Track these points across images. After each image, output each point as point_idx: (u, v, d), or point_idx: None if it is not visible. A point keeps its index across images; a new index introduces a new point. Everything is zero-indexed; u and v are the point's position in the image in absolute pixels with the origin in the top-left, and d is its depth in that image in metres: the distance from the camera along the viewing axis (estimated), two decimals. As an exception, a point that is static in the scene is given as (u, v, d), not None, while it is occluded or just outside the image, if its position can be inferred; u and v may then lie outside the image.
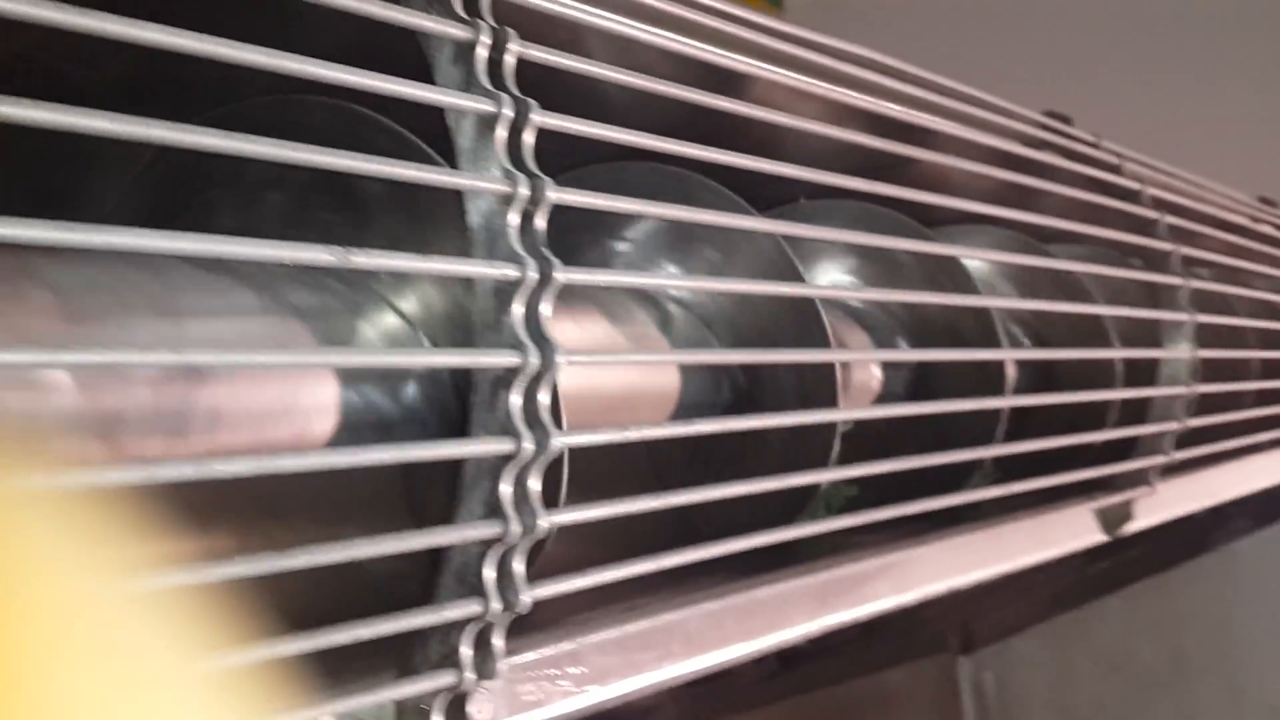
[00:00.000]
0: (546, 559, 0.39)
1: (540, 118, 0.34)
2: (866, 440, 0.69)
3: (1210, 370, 0.88)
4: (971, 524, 0.67)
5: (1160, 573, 1.31)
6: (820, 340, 0.54)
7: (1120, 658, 1.29)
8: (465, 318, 0.35)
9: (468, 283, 0.34)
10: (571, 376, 0.47)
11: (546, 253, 0.34)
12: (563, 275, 0.33)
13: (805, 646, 1.83)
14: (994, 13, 4.57)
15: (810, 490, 0.56)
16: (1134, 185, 0.78)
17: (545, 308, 0.33)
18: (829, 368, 0.56)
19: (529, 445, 0.33)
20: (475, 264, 0.33)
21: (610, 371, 0.51)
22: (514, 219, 0.33)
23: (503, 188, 0.33)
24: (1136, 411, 0.83)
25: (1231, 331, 1.01)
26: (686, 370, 0.56)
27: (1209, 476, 0.97)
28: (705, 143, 0.45)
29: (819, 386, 0.57)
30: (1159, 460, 0.80)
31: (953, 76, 0.65)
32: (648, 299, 0.57)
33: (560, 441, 0.33)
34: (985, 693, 1.33)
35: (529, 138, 0.34)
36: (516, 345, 0.33)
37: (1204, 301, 0.91)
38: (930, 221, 0.67)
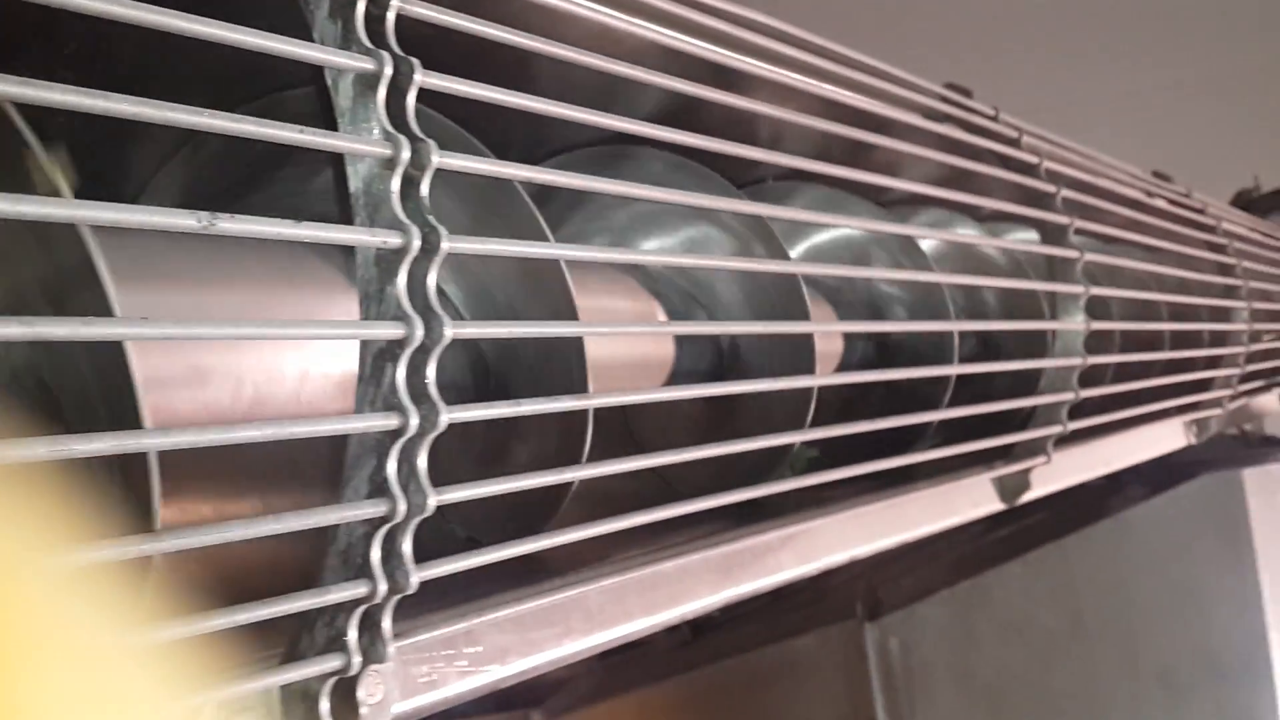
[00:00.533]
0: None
1: (424, 77, 0.32)
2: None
3: (1102, 341, 0.90)
4: (872, 495, 0.68)
5: (1059, 539, 1.34)
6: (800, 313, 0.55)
7: (1021, 622, 1.33)
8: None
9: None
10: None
11: (432, 220, 0.32)
12: (449, 244, 0.32)
13: (717, 616, 1.86)
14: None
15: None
16: (1032, 159, 0.79)
17: (431, 278, 0.32)
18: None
19: (415, 421, 0.31)
20: (354, 232, 0.31)
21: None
22: (396, 184, 0.32)
23: (383, 150, 0.32)
24: (1032, 382, 0.85)
25: (1124, 303, 1.04)
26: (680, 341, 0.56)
27: (1102, 446, 1.00)
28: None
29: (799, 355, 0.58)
30: (1054, 430, 0.82)
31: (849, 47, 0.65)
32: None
33: (448, 417, 0.32)
34: (890, 658, 1.36)
35: (412, 98, 0.32)
36: (401, 317, 0.32)
37: (1098, 274, 0.93)
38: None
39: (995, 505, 0.82)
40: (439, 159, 0.32)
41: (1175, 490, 1.32)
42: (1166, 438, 1.27)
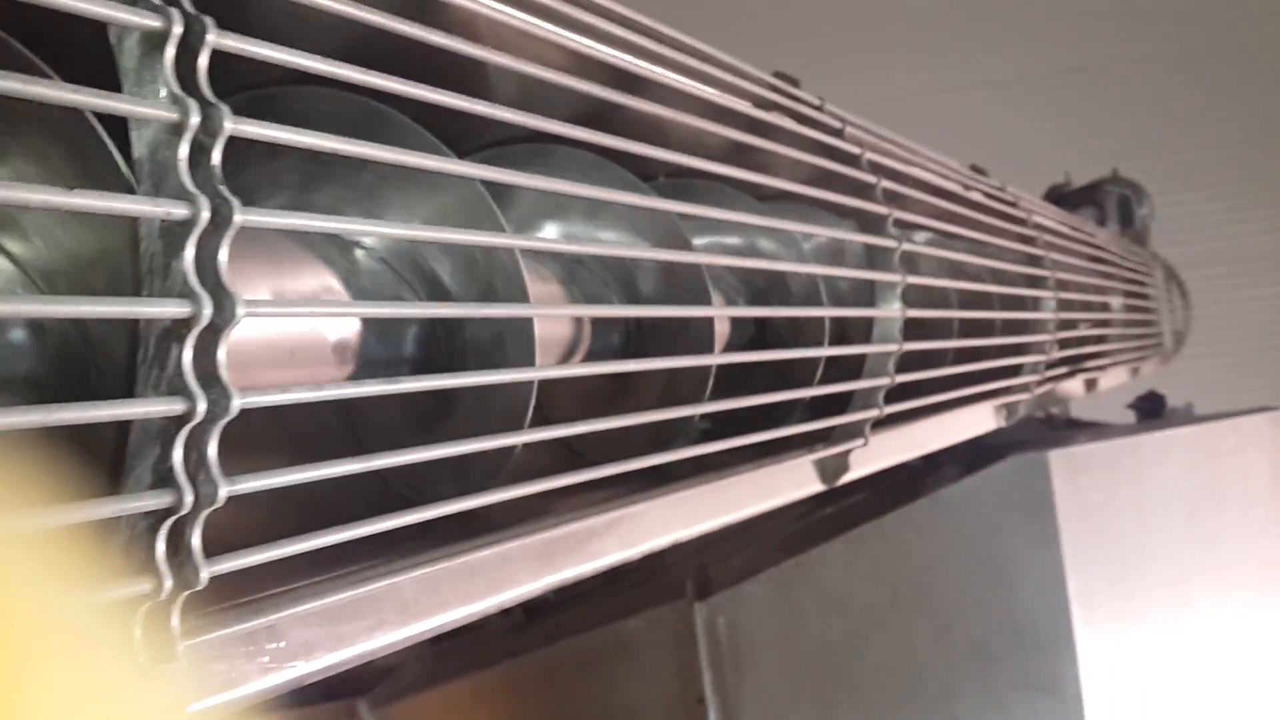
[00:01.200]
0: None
1: (216, 37, 0.30)
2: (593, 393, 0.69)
3: (918, 328, 0.94)
4: (697, 477, 0.69)
5: (878, 518, 1.40)
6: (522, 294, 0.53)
7: (842, 597, 1.38)
8: (114, 261, 0.31)
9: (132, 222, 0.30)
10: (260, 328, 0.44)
11: (224, 190, 0.30)
12: (242, 216, 0.30)
13: (550, 598, 1.86)
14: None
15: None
16: (854, 149, 0.82)
17: (222, 252, 0.30)
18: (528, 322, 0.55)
19: (203, 406, 0.30)
20: (136, 201, 0.29)
21: (299, 326, 0.48)
22: (184, 151, 0.30)
23: (170, 115, 0.29)
24: (852, 367, 0.88)
25: (939, 292, 1.09)
26: (415, 323, 0.54)
27: (918, 428, 1.04)
28: (417, 80, 0.43)
29: (523, 343, 0.57)
30: (872, 414, 0.85)
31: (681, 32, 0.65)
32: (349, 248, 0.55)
33: (241, 401, 0.30)
34: (719, 636, 1.39)
35: (203, 59, 0.30)
36: (188, 294, 0.30)
37: (915, 263, 0.97)
38: (652, 175, 0.67)
39: (816, 486, 0.85)
40: (233, 126, 0.30)
41: (986, 471, 1.40)
42: (978, 421, 1.34)
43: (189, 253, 0.29)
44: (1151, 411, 2.17)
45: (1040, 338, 1.43)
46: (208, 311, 0.29)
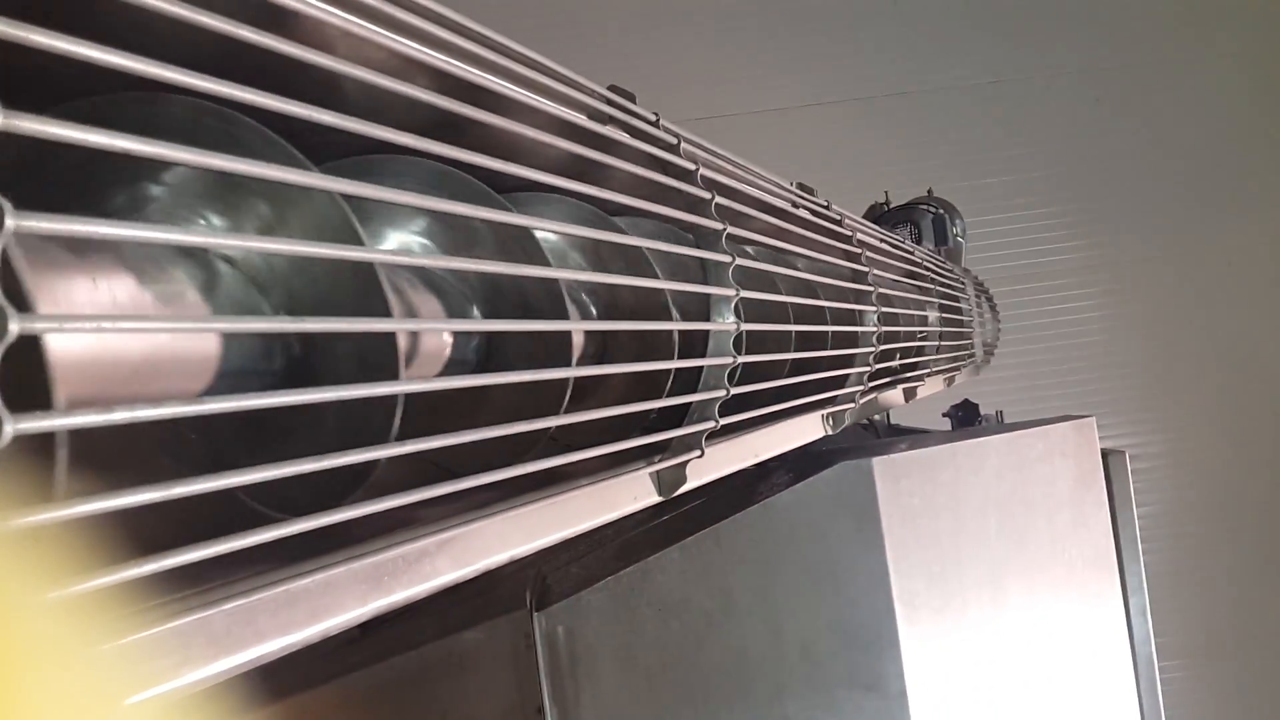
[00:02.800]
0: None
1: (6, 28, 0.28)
2: (441, 405, 0.67)
3: (751, 341, 0.96)
4: (533, 493, 0.68)
5: (713, 525, 1.42)
6: (381, 308, 0.51)
7: (678, 604, 1.39)
8: None
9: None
10: (87, 342, 0.41)
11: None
12: (14, 221, 0.27)
13: (386, 614, 1.80)
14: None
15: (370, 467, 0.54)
16: (689, 165, 0.83)
17: (-9, 259, 0.27)
18: (390, 337, 0.53)
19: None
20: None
21: (144, 338, 0.45)
22: None
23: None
24: (688, 380, 0.89)
25: (771, 306, 1.11)
26: (232, 337, 0.51)
27: (751, 439, 1.07)
28: (257, 85, 0.41)
29: (380, 356, 0.54)
30: (708, 426, 0.86)
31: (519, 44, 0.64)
32: (192, 256, 0.52)
33: (13, 428, 0.27)
34: (557, 645, 1.38)
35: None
36: None
37: (748, 278, 0.99)
38: (497, 188, 0.66)
39: (654, 498, 0.85)
40: (5, 120, 0.27)
41: (814, 478, 1.44)
42: (807, 429, 1.38)
43: None
44: (966, 419, 2.29)
45: (864, 349, 1.48)
46: None
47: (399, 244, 0.69)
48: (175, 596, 0.41)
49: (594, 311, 0.85)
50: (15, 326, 0.27)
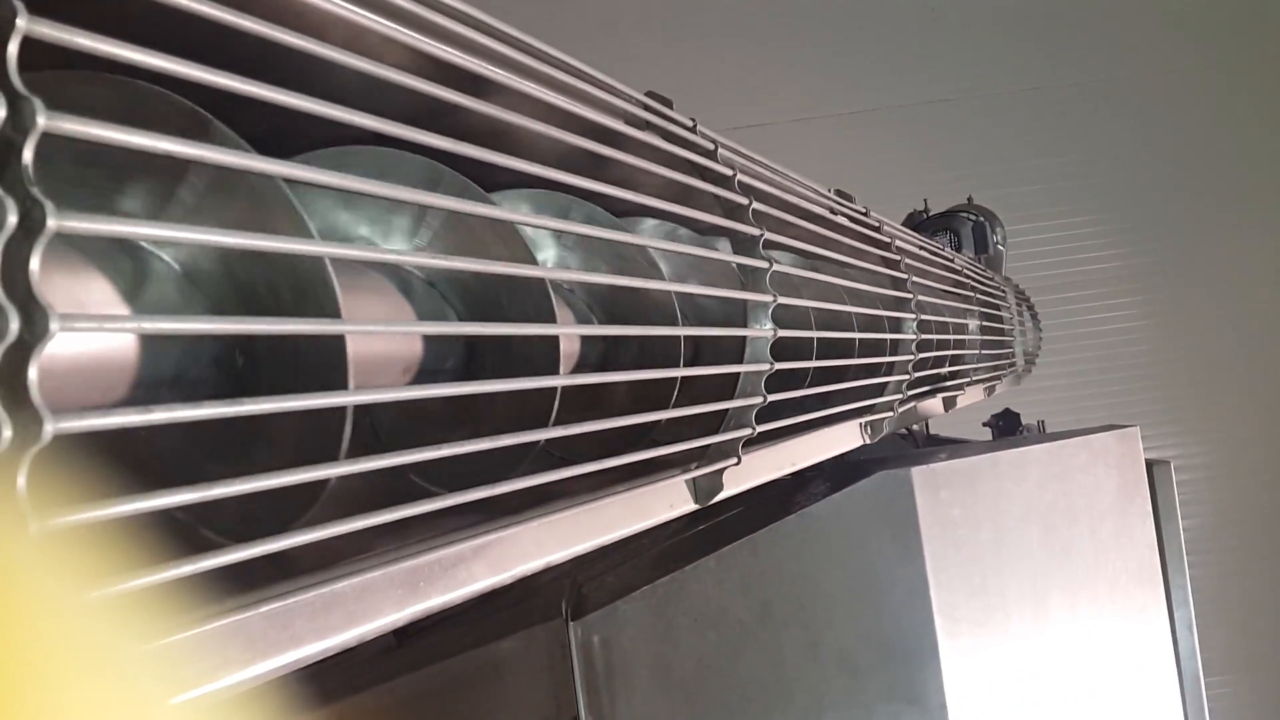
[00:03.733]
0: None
1: (27, 23, 0.28)
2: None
3: (788, 348, 0.95)
4: (569, 499, 0.67)
5: (750, 535, 1.41)
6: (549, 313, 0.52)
7: (714, 615, 1.38)
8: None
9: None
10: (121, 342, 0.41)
11: (35, 192, 0.27)
12: (57, 222, 0.27)
13: (422, 620, 1.80)
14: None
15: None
16: (727, 170, 0.82)
17: (33, 261, 0.27)
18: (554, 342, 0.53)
19: (8, 434, 0.27)
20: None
21: None
22: None
23: (-31, 108, 0.27)
24: (726, 386, 0.88)
25: (809, 313, 1.11)
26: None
27: (788, 446, 1.06)
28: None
29: (546, 358, 0.54)
30: (745, 433, 0.85)
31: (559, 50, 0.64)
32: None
33: (53, 427, 0.27)
34: (593, 655, 1.38)
35: (13, 47, 0.27)
36: None
37: (785, 284, 0.98)
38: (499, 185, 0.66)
39: (689, 506, 0.85)
40: (47, 121, 0.27)
41: (852, 487, 1.42)
42: (845, 438, 1.36)
43: None
44: (1007, 429, 2.26)
45: (904, 357, 1.47)
46: (14, 327, 0.26)
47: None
48: (215, 598, 0.41)
49: (595, 317, 0.85)
50: (55, 327, 0.27)
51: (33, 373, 0.27)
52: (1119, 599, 1.63)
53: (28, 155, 0.27)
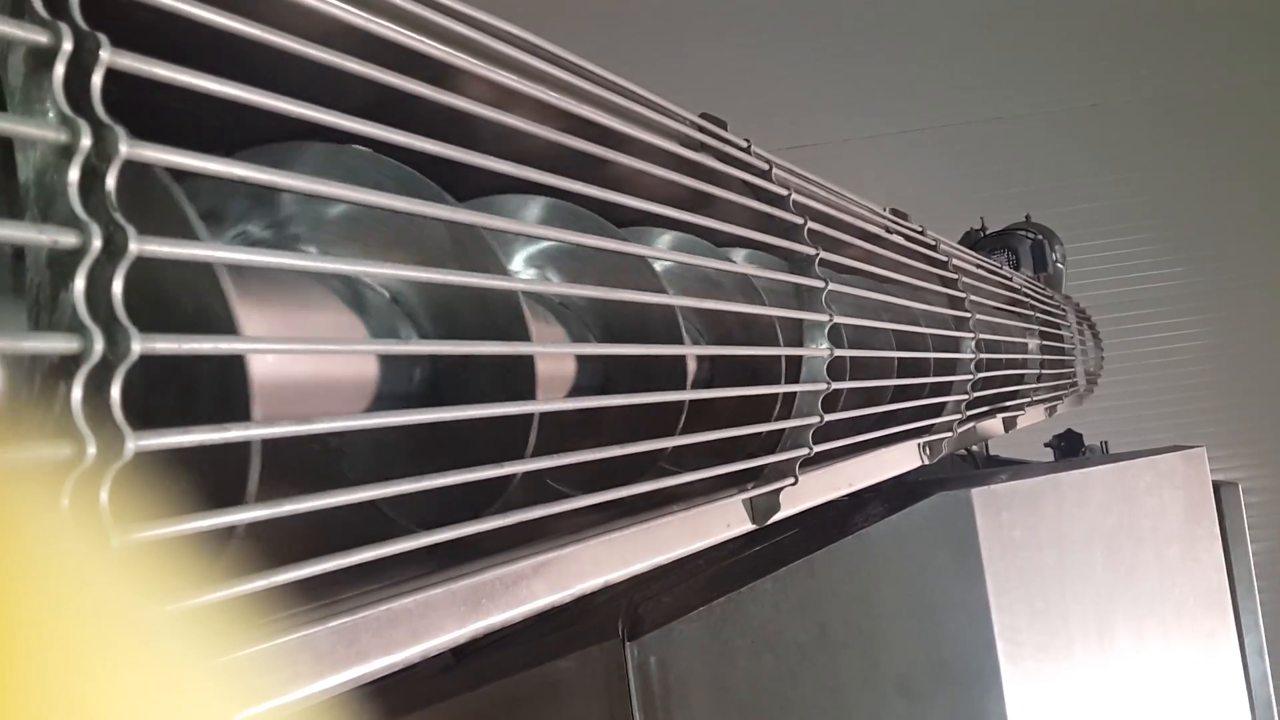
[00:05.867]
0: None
1: (112, 56, 0.29)
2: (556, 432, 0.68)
3: (845, 368, 0.94)
4: (627, 519, 0.67)
5: (807, 556, 1.40)
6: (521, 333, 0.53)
7: (771, 636, 1.37)
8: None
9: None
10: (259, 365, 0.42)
11: (119, 217, 0.28)
12: (139, 245, 0.28)
13: (480, 640, 1.81)
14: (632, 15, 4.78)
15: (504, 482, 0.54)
16: (781, 190, 0.82)
17: (116, 284, 0.28)
18: (529, 361, 0.54)
19: (93, 450, 0.27)
20: (21, 228, 0.27)
21: (302, 361, 0.47)
22: (74, 175, 0.28)
23: (59, 136, 0.28)
24: (783, 407, 0.87)
25: (866, 332, 1.10)
26: (382, 359, 0.53)
27: (845, 467, 1.05)
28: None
29: (521, 379, 0.55)
30: (801, 453, 0.85)
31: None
32: (348, 285, 0.54)
33: (135, 445, 0.28)
34: (650, 675, 1.37)
35: (97, 78, 0.28)
36: (77, 328, 0.28)
37: (842, 304, 0.98)
38: (614, 221, 0.67)
39: (746, 526, 0.84)
40: (129, 149, 0.28)
41: (912, 509, 1.41)
42: (903, 459, 1.35)
43: (79, 284, 0.27)
44: (1069, 449, 2.22)
45: (962, 377, 1.45)
46: (99, 347, 0.27)
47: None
48: (286, 613, 0.42)
49: (701, 339, 0.85)
50: (137, 347, 0.27)
51: (115, 392, 0.28)
52: (1186, 624, 1.58)
53: (111, 181, 0.28)
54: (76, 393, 0.27)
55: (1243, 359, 4.74)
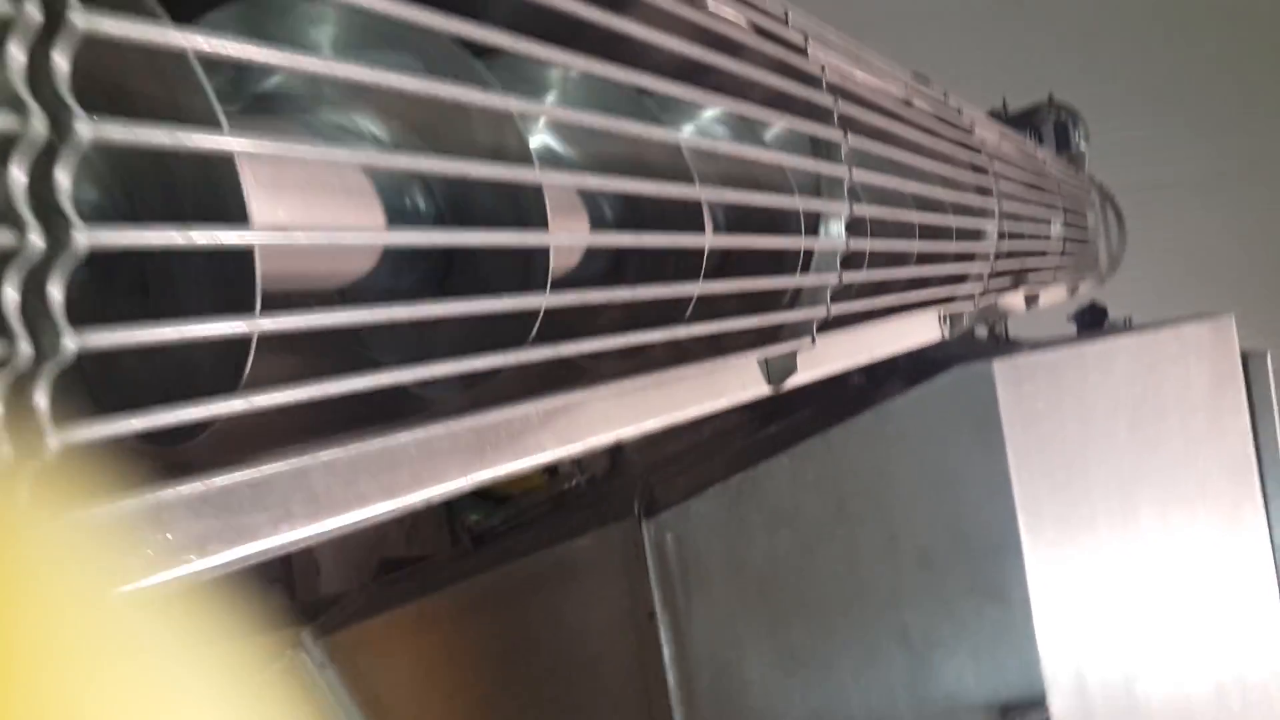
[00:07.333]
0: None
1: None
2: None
3: (864, 231, 0.91)
4: (638, 374, 0.65)
5: (823, 432, 1.38)
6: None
7: (789, 512, 1.37)
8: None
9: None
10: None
11: (69, 99, 0.25)
12: (91, 130, 0.25)
13: (498, 525, 1.81)
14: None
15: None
16: (815, 70, 0.77)
17: (62, 174, 0.25)
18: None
19: (28, 349, 0.25)
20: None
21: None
22: (19, 53, 0.25)
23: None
24: (801, 268, 0.84)
25: (887, 194, 1.06)
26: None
27: (863, 333, 1.02)
28: None
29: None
30: (819, 313, 0.82)
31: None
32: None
33: (73, 342, 0.26)
34: (667, 553, 1.37)
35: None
36: (15, 222, 0.25)
37: (862, 163, 0.94)
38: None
39: (762, 388, 0.82)
40: (85, 22, 0.25)
41: (931, 382, 1.38)
42: (923, 329, 1.32)
43: (17, 173, 0.24)
44: (1093, 323, 2.18)
45: (984, 247, 1.41)
46: (38, 242, 0.24)
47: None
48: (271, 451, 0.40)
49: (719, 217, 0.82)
50: (82, 239, 0.25)
51: (54, 290, 0.25)
52: (1210, 496, 1.57)
53: (60, 60, 0.24)
54: (12, 292, 0.25)
55: (1269, 243, 4.64)
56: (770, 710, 1.36)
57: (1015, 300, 1.90)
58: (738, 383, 0.77)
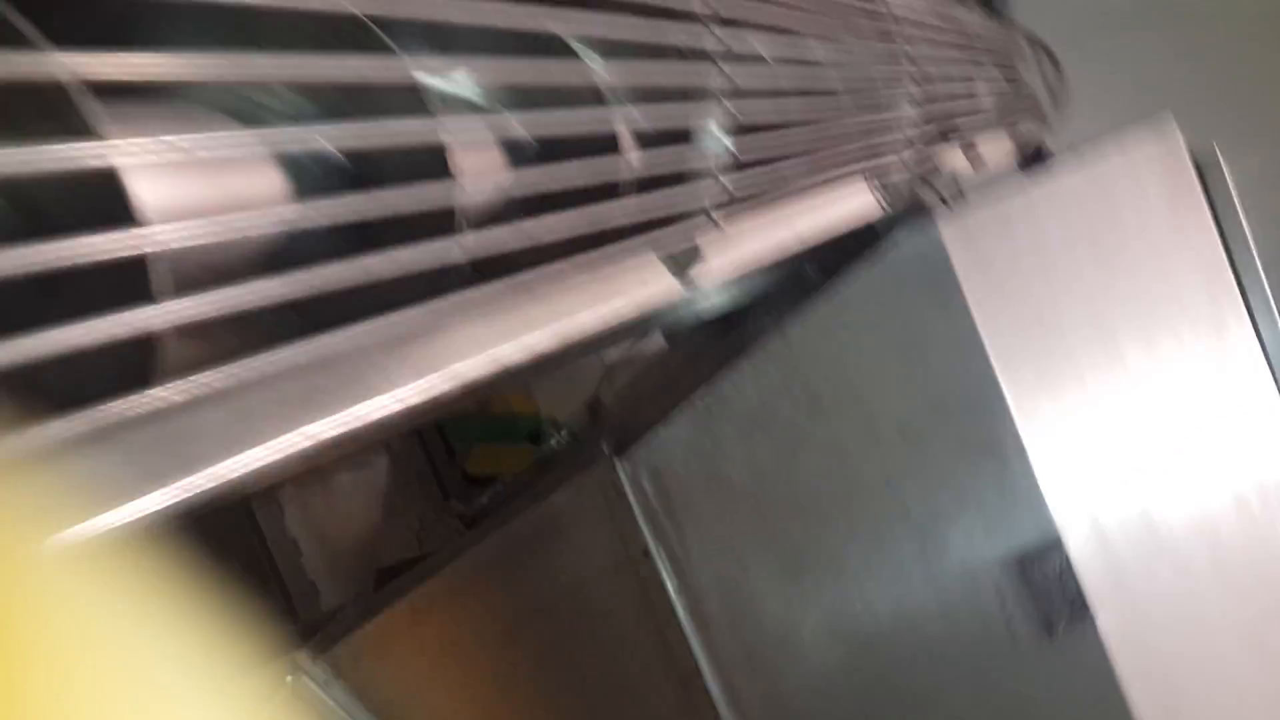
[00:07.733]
0: None
1: None
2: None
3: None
4: (510, 295, 0.59)
5: (778, 329, 1.33)
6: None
7: (761, 417, 1.32)
8: None
9: None
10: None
11: None
12: None
13: (486, 504, 1.75)
14: None
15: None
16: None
17: None
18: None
19: None
20: None
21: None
22: None
23: None
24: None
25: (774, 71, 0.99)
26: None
27: (785, 212, 0.96)
28: None
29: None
30: (712, 189, 0.76)
31: None
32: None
33: None
34: (645, 487, 1.33)
35: None
36: None
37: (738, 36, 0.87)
38: None
39: (669, 282, 0.76)
40: None
41: (878, 255, 1.33)
42: (854, 202, 1.26)
43: None
44: (1035, 161, 2.13)
45: (902, 111, 1.35)
46: None
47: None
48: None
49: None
50: None
51: None
52: (1189, 306, 1.52)
53: None
54: None
55: (1214, 73, 4.56)
56: (786, 618, 1.32)
57: (958, 160, 1.84)
58: (636, 279, 0.72)
